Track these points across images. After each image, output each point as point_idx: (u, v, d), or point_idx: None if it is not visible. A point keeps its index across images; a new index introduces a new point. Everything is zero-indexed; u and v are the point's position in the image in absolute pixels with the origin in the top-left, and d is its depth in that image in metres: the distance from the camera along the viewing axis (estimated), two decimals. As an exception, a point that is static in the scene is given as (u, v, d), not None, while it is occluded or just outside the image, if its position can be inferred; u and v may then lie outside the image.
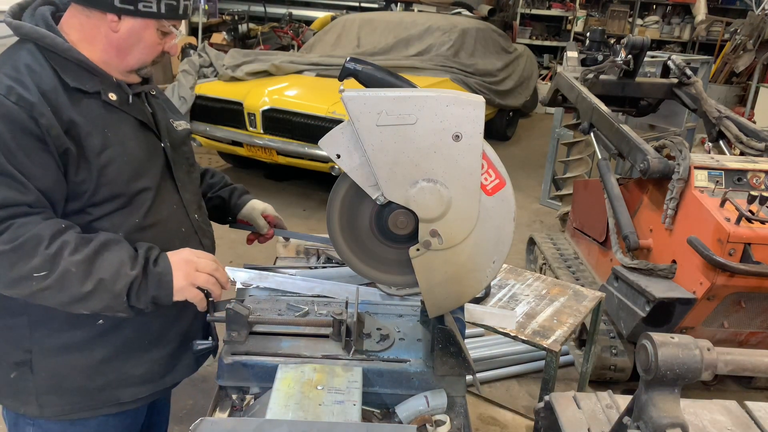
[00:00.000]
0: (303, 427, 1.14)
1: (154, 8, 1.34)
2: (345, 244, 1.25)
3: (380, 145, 1.10)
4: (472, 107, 1.09)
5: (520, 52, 7.91)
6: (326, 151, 1.14)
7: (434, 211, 1.14)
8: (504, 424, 2.77)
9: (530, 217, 5.36)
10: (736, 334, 2.69)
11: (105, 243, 1.30)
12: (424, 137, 1.09)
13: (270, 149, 5.16)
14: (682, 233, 2.53)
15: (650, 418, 0.96)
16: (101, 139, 1.33)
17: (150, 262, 1.33)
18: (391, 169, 1.12)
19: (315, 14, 10.81)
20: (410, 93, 1.09)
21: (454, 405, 1.41)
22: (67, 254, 1.25)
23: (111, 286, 1.27)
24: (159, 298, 1.33)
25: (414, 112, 1.08)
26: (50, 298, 1.26)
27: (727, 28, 9.44)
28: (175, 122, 1.58)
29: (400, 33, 6.73)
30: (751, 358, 0.97)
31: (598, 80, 3.77)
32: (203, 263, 1.38)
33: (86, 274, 1.25)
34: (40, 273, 1.22)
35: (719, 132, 3.25)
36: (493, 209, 1.15)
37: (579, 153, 4.66)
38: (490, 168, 1.13)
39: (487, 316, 2.10)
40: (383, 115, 1.08)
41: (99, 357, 1.41)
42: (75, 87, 1.32)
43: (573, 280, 3.44)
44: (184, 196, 1.53)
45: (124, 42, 1.35)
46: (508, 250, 1.18)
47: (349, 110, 1.09)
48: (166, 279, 1.33)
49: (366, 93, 1.09)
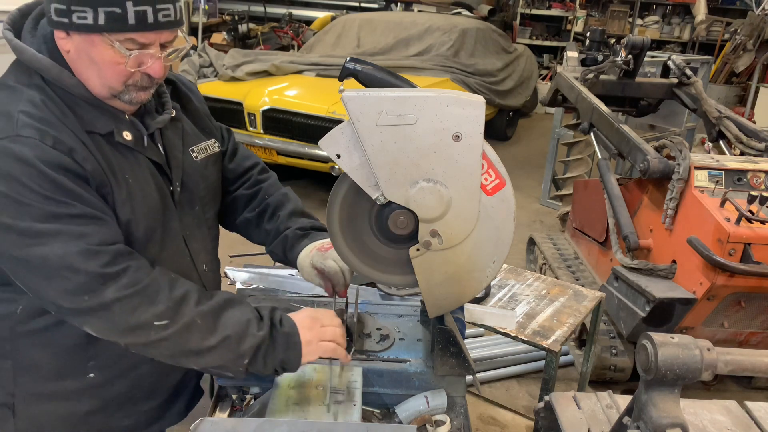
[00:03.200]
0: (303, 427, 1.14)
1: (89, 19, 1.11)
2: (345, 245, 1.25)
3: (380, 145, 1.10)
4: (473, 107, 1.09)
5: (520, 52, 7.91)
6: (326, 151, 1.13)
7: (434, 212, 1.14)
8: (504, 424, 2.77)
9: (530, 217, 5.35)
10: (736, 334, 2.69)
11: (228, 300, 1.23)
12: (424, 137, 1.09)
13: (270, 149, 5.16)
14: (682, 233, 2.53)
15: (650, 418, 0.96)
16: (125, 188, 1.22)
17: (276, 323, 1.25)
18: (391, 169, 1.12)
19: (315, 14, 10.80)
20: (410, 93, 1.09)
21: (454, 405, 1.41)
22: (192, 303, 1.18)
23: (236, 346, 1.19)
24: (288, 361, 1.24)
25: (414, 112, 1.08)
26: (165, 350, 1.18)
27: (727, 28, 9.44)
28: (196, 149, 1.42)
29: (400, 33, 6.73)
30: (751, 358, 0.97)
31: (598, 80, 3.77)
32: (327, 318, 1.31)
33: (211, 328, 1.18)
34: (162, 321, 1.14)
35: (719, 132, 3.25)
36: (493, 209, 1.15)
37: (579, 153, 4.66)
38: (491, 168, 1.13)
39: (487, 316, 2.10)
40: (383, 115, 1.08)
41: (85, 409, 1.34)
42: (87, 129, 1.19)
43: (573, 280, 3.43)
44: (192, 246, 1.39)
45: (77, 64, 1.18)
46: (507, 250, 1.18)
47: (349, 110, 1.08)
48: (294, 340, 1.24)
49: (366, 93, 1.09)
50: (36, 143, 1.11)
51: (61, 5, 1.12)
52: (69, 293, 1.12)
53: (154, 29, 1.15)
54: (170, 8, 1.16)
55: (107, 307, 1.13)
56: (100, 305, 1.13)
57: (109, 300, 1.12)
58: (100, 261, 1.12)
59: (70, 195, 1.12)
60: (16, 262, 1.14)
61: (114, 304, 1.13)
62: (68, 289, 1.12)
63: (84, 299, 1.12)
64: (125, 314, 1.13)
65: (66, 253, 1.10)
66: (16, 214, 1.09)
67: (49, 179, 1.10)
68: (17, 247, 1.11)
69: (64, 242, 1.10)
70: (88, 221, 1.13)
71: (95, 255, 1.12)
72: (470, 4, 10.00)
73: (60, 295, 1.13)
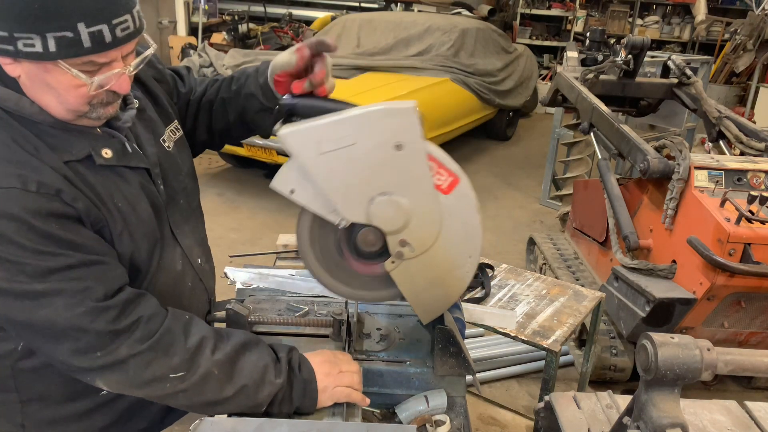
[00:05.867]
0: (303, 427, 1.14)
1: (37, 47, 0.97)
2: (329, 275, 1.26)
3: (328, 172, 1.10)
4: (405, 114, 1.08)
5: (520, 52, 7.91)
6: (280, 191, 1.14)
7: (397, 222, 1.14)
8: (504, 424, 2.76)
9: (530, 217, 5.35)
10: (736, 334, 2.69)
11: (244, 343, 1.18)
12: (367, 155, 1.10)
13: (270, 149, 5.16)
14: (682, 233, 2.52)
15: (650, 418, 0.96)
16: (119, 216, 1.14)
17: (294, 368, 1.21)
18: (344, 192, 1.12)
19: (315, 14, 10.80)
20: (343, 116, 1.09)
21: (454, 405, 1.41)
22: (208, 352, 1.13)
23: (254, 394, 1.15)
24: (303, 407, 1.21)
25: (351, 133, 1.09)
26: (183, 400, 1.14)
27: (727, 28, 9.43)
28: (165, 137, 1.34)
29: (400, 33, 6.73)
30: (751, 358, 0.97)
31: (598, 80, 3.76)
32: (345, 363, 1.28)
33: (228, 378, 1.13)
34: (177, 374, 1.10)
35: (719, 132, 3.25)
36: (454, 206, 1.15)
37: (579, 153, 4.66)
38: (440, 168, 1.13)
39: (487, 316, 2.10)
40: (323, 143, 1.08)
41: (99, 426, 1.30)
42: (65, 159, 1.08)
43: (573, 280, 3.43)
44: (184, 243, 1.34)
45: (32, 90, 1.06)
46: (480, 242, 1.19)
47: (289, 147, 1.09)
48: (311, 387, 1.21)
49: (301, 126, 1.09)
50: (19, 193, 1.00)
51: (2, 32, 0.97)
52: (80, 353, 1.08)
53: (114, 47, 1.04)
54: (127, 19, 1.04)
55: (122, 362, 1.09)
56: (115, 362, 1.08)
57: (123, 356, 1.08)
58: (109, 317, 1.07)
59: (65, 245, 1.04)
60: (21, 326, 1.08)
61: (129, 359, 1.09)
62: (79, 348, 1.07)
63: (96, 356, 1.08)
64: (140, 369, 1.09)
65: (73, 314, 1.04)
66: (11, 276, 1.01)
67: (41, 232, 1.02)
68: (18, 311, 1.04)
69: (67, 301, 1.04)
70: (88, 270, 1.07)
71: (103, 312, 1.06)
72: (470, 4, 9.99)
73: (71, 356, 1.08)
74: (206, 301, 1.46)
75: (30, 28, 0.97)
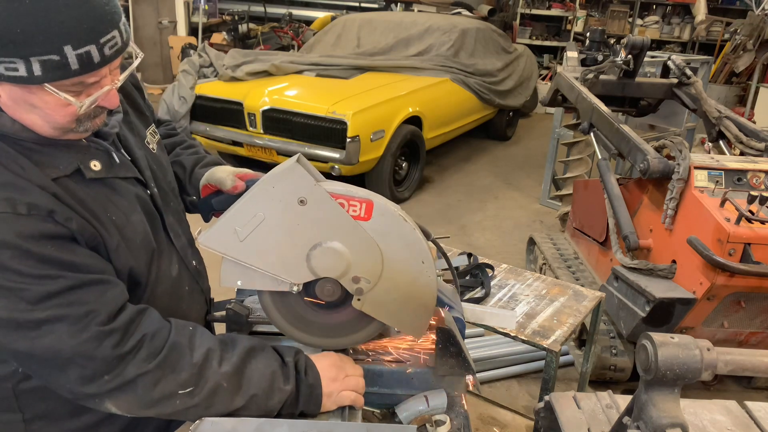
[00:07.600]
0: (303, 427, 1.14)
1: (21, 71, 0.92)
2: (312, 337, 1.27)
3: (258, 253, 1.14)
4: (291, 172, 1.11)
5: (520, 52, 7.91)
6: (229, 286, 1.18)
7: (340, 266, 1.16)
8: (504, 424, 2.76)
9: (530, 217, 5.35)
10: (736, 334, 2.69)
11: (250, 349, 1.17)
12: (280, 222, 1.12)
13: (270, 149, 5.16)
14: (682, 233, 2.53)
15: (650, 418, 0.96)
16: (115, 231, 1.11)
17: (301, 372, 1.19)
18: (282, 262, 1.15)
19: (315, 14, 10.81)
20: (243, 199, 1.14)
21: (454, 405, 1.41)
22: (215, 365, 1.11)
23: (264, 403, 1.14)
24: (307, 411, 1.21)
25: (256, 211, 1.12)
26: (193, 416, 1.11)
27: (727, 28, 9.44)
28: (149, 139, 1.32)
29: (400, 33, 6.73)
30: (751, 358, 0.97)
31: (598, 80, 3.77)
32: (350, 367, 1.27)
33: (236, 389, 1.12)
34: (186, 389, 1.08)
35: (719, 132, 3.25)
36: (381, 227, 1.15)
37: (579, 153, 4.66)
38: (350, 201, 1.14)
39: (487, 316, 2.09)
40: (239, 231, 1.12)
41: None
42: (53, 176, 1.04)
43: (573, 280, 3.43)
44: (179, 245, 1.32)
45: (15, 111, 1.01)
46: (425, 245, 1.19)
47: (214, 248, 1.14)
48: (316, 392, 1.20)
49: (214, 226, 1.15)
50: (10, 218, 0.96)
51: None
52: (87, 380, 1.05)
53: (103, 66, 1.00)
54: (115, 35, 0.99)
55: (131, 382, 1.07)
56: (123, 383, 1.06)
57: (131, 377, 1.06)
58: (114, 340, 1.04)
59: (64, 266, 1.01)
60: (24, 357, 1.04)
61: (137, 379, 1.07)
62: (86, 375, 1.05)
63: (105, 380, 1.06)
64: (149, 388, 1.07)
65: (77, 342, 1.02)
66: (12, 304, 0.98)
67: (37, 256, 0.98)
68: (21, 340, 1.01)
69: (71, 328, 1.01)
70: (89, 291, 1.04)
71: (108, 336, 1.04)
72: (470, 4, 10.00)
73: (78, 383, 1.06)
74: (204, 302, 1.46)
75: (11, 53, 0.92)
